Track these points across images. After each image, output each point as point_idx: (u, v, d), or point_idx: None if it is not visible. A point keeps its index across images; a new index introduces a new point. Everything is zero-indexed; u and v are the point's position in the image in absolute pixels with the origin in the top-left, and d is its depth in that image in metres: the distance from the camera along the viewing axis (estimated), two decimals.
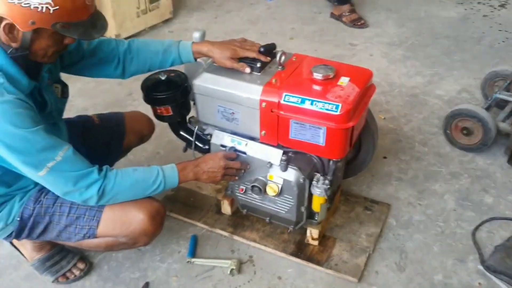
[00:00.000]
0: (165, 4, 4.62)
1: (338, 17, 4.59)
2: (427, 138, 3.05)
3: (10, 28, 1.63)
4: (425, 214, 2.51)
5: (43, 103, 1.87)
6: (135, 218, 1.96)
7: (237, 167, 2.12)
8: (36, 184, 1.96)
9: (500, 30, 4.37)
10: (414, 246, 2.34)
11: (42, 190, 1.99)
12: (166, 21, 4.70)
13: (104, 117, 2.42)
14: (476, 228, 2.41)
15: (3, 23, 1.61)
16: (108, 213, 1.97)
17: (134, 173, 1.91)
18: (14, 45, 1.67)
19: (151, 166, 1.97)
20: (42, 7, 1.57)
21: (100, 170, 1.84)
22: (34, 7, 1.57)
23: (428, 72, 3.75)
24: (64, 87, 2.07)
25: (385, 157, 2.89)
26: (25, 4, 1.56)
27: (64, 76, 2.10)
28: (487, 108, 2.90)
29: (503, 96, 2.96)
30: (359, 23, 4.48)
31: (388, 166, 2.83)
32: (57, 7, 1.59)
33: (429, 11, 4.71)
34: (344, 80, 1.94)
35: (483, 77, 3.29)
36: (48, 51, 1.74)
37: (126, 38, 2.37)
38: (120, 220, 1.97)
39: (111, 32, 4.10)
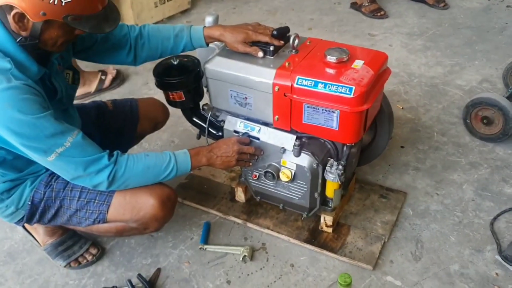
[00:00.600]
0: None
1: (358, 8, 4.53)
2: (446, 128, 2.99)
3: (20, 17, 1.61)
4: (442, 204, 2.46)
5: (53, 89, 1.86)
6: (146, 203, 1.95)
7: (251, 152, 2.09)
8: (47, 168, 1.95)
9: None
10: (430, 235, 2.29)
11: (53, 174, 1.99)
12: (184, 12, 4.69)
13: (117, 103, 2.41)
14: (495, 218, 2.36)
15: (13, 11, 1.59)
16: (119, 198, 1.96)
17: (146, 159, 1.90)
18: (23, 33, 1.65)
19: (164, 152, 1.96)
20: None
21: (111, 155, 1.83)
22: None
23: (449, 62, 3.67)
24: (75, 73, 2.06)
25: (402, 147, 2.84)
26: None
27: (83, 65, 2.08)
28: (509, 97, 2.82)
29: None
30: (379, 14, 4.42)
31: (405, 156, 2.78)
32: (69, 0, 1.57)
33: (451, 1, 4.62)
34: (358, 63, 1.90)
35: (505, 67, 3.22)
36: (58, 41, 1.72)
37: None
38: (131, 205, 1.95)
39: (128, 22, 4.09)
